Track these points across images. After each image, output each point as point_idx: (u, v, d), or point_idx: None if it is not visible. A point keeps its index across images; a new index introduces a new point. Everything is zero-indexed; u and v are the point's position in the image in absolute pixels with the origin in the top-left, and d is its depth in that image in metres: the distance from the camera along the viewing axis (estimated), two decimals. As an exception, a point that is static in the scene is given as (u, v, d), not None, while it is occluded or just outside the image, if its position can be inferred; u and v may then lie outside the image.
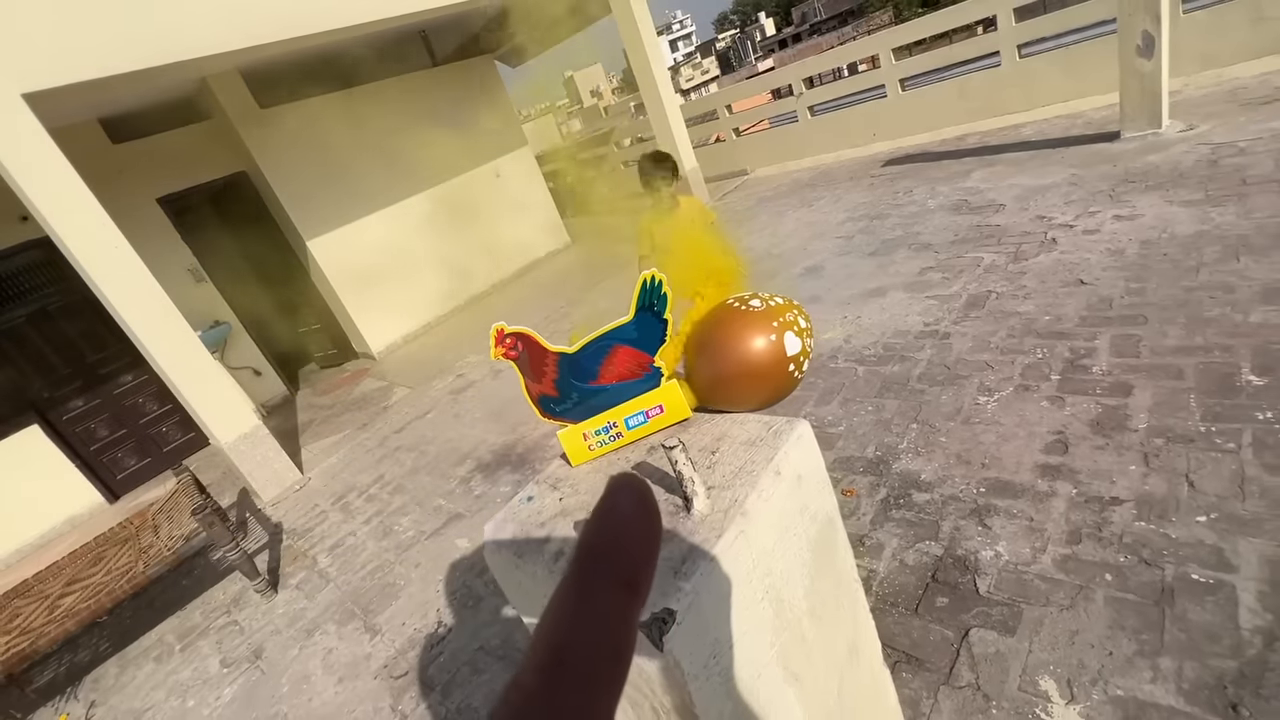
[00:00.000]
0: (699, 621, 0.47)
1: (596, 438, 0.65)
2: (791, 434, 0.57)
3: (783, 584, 0.54)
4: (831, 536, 0.61)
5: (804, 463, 0.57)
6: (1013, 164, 5.02)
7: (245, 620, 3.08)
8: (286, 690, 2.50)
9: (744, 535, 0.50)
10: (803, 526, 0.57)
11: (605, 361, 0.68)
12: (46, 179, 3.36)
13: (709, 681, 0.49)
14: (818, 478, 0.59)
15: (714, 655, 0.48)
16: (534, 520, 0.60)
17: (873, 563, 1.98)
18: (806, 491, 0.57)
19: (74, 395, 5.27)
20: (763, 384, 0.70)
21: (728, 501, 0.52)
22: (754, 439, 0.58)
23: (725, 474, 0.56)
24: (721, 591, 0.49)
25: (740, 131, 8.88)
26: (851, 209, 5.49)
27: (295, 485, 4.36)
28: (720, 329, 0.62)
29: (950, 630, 1.69)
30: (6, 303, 5.01)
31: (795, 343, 0.57)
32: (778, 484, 0.54)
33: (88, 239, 3.50)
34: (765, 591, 0.53)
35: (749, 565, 0.51)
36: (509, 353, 0.65)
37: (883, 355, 3.11)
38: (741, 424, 0.60)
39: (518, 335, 0.66)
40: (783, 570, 0.54)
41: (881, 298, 3.69)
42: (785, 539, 0.55)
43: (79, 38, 3.46)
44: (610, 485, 0.26)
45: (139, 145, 5.50)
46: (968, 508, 2.04)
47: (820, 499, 0.59)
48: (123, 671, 3.07)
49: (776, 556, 0.53)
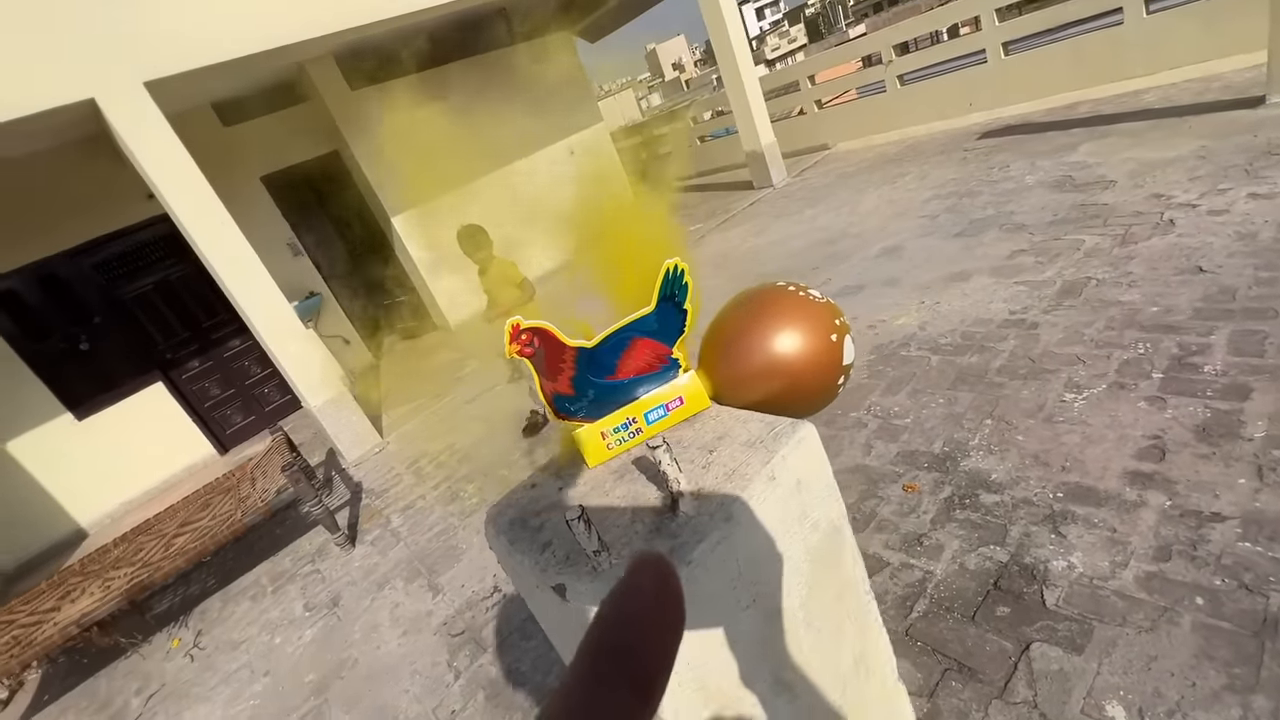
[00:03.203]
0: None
1: (615, 435, 0.62)
2: (792, 437, 0.53)
3: (774, 593, 0.52)
4: (837, 545, 0.58)
5: (805, 467, 0.54)
6: (1129, 135, 4.52)
7: (326, 570, 3.34)
8: (358, 637, 2.70)
9: (728, 541, 0.48)
10: (801, 534, 0.54)
11: (624, 355, 0.65)
12: (164, 161, 3.70)
13: (681, 689, 0.48)
14: (821, 483, 0.55)
15: (686, 662, 0.47)
16: (531, 508, 0.60)
17: (930, 564, 1.88)
18: (807, 498, 0.54)
19: (191, 357, 5.85)
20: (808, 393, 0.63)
21: (715, 505, 0.50)
22: (754, 439, 0.55)
23: (718, 475, 0.53)
24: (697, 598, 0.47)
25: (823, 104, 8.48)
26: (939, 186, 5.14)
27: (375, 448, 4.66)
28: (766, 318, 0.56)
29: (1009, 642, 1.58)
30: (136, 273, 5.60)
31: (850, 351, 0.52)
32: (771, 489, 0.51)
33: (199, 216, 3.83)
34: (753, 600, 0.50)
35: (733, 572, 0.49)
36: (524, 350, 0.62)
37: (960, 344, 2.92)
38: (745, 423, 0.58)
39: (534, 331, 0.63)
40: (774, 578, 0.52)
41: (964, 282, 3.45)
42: (778, 546, 0.52)
43: (192, 28, 3.74)
44: (633, 565, 0.24)
45: (246, 127, 5.94)
46: (1041, 513, 1.89)
47: (824, 506, 0.56)
48: (224, 606, 3.42)
49: (767, 564, 0.51)
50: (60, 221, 5.19)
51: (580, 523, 0.49)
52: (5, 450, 5.16)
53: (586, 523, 0.49)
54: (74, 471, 5.38)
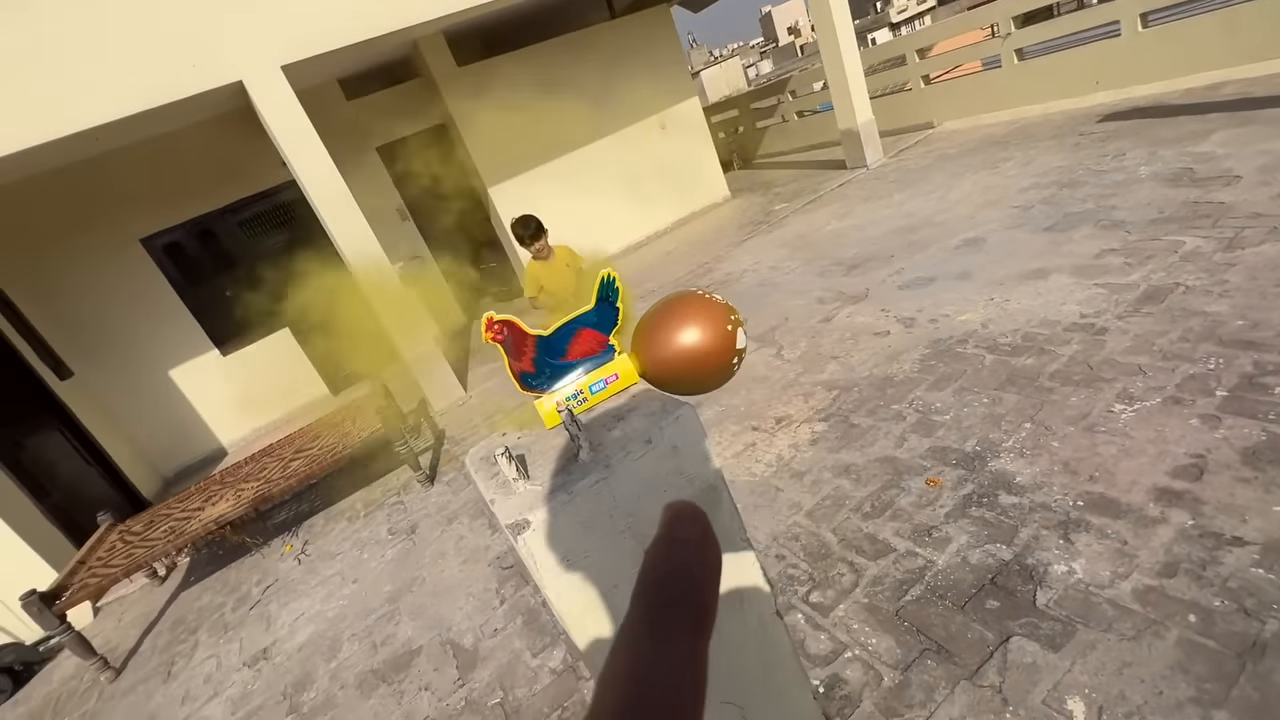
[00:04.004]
0: (553, 532, 0.66)
1: (567, 403, 0.81)
2: (672, 414, 0.71)
3: (646, 525, 0.70)
4: (713, 500, 0.75)
5: (681, 437, 0.71)
6: (1277, 124, 4.03)
7: (408, 502, 3.83)
8: (428, 560, 3.13)
9: (605, 482, 0.67)
10: (676, 486, 0.72)
11: (572, 341, 0.84)
12: (293, 133, 4.23)
13: (562, 579, 0.68)
14: (697, 450, 0.73)
15: (566, 559, 0.67)
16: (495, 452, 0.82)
17: (934, 554, 1.96)
18: (683, 460, 0.72)
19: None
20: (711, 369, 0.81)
21: (605, 456, 0.69)
22: (649, 413, 0.74)
23: (616, 437, 0.72)
24: (578, 518, 0.67)
25: (930, 79, 8.00)
26: (1041, 174, 4.82)
27: (459, 401, 5.15)
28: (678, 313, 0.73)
29: (991, 632, 1.66)
30: (273, 229, 6.40)
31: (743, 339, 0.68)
32: (646, 450, 0.69)
33: (319, 183, 4.36)
34: (627, 528, 0.69)
35: (609, 504, 0.68)
36: (496, 336, 0.80)
37: (1019, 345, 2.85)
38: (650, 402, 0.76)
39: (504, 323, 0.82)
40: (646, 515, 0.70)
41: (1040, 280, 3.31)
42: (651, 493, 0.70)
43: (321, 16, 4.21)
44: (669, 513, 0.25)
45: (366, 101, 6.54)
46: (1055, 519, 1.91)
47: (699, 468, 0.73)
48: (326, 523, 4.02)
49: (641, 503, 0.69)
50: (214, 184, 6.03)
51: (504, 457, 0.70)
52: (169, 376, 6.17)
53: (508, 457, 0.70)
54: (218, 399, 6.34)
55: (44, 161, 4.21)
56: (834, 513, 2.30)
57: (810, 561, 2.13)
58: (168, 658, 3.28)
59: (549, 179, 7.15)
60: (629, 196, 7.63)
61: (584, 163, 7.38)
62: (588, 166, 7.39)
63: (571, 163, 7.31)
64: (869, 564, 2.03)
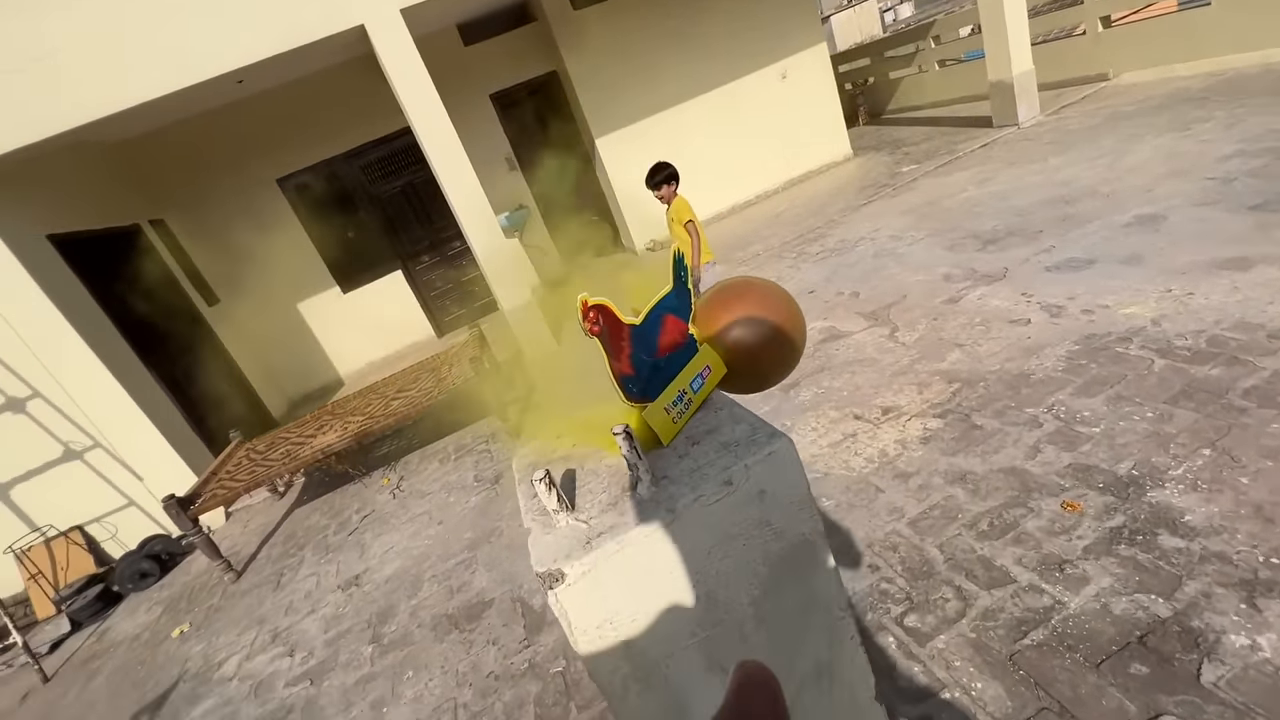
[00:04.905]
0: (594, 589, 0.51)
1: (675, 409, 0.65)
2: (763, 449, 0.53)
3: (719, 584, 0.54)
4: (807, 558, 0.57)
5: (770, 480, 0.53)
6: None
7: (496, 451, 3.91)
8: (507, 513, 3.17)
9: (667, 529, 0.51)
10: (761, 540, 0.55)
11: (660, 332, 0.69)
12: (409, 80, 4.27)
13: (600, 642, 0.54)
14: (791, 497, 0.55)
15: (610, 621, 0.53)
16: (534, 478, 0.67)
17: (1065, 594, 1.66)
18: (770, 508, 0.54)
19: (423, 251, 6.92)
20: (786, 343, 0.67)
21: (670, 495, 0.53)
22: (731, 441, 0.56)
23: (686, 468, 0.56)
24: (628, 570, 0.51)
25: (1111, 20, 6.80)
26: (1250, 139, 3.95)
27: (551, 354, 5.17)
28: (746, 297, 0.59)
29: (1135, 704, 1.37)
30: (390, 175, 6.66)
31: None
32: (724, 492, 0.52)
33: (431, 130, 4.40)
34: (694, 585, 0.54)
35: (670, 556, 0.52)
36: (594, 328, 0.65)
37: (1202, 350, 2.35)
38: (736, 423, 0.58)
39: (599, 309, 0.67)
40: (720, 572, 0.54)
41: (1239, 272, 2.71)
42: (728, 544, 0.54)
43: (440, -44, 4.15)
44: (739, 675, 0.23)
45: (482, 47, 6.53)
46: (1236, 575, 1.54)
47: (792, 520, 0.55)
48: (420, 462, 4.21)
49: (713, 557, 0.53)
50: (341, 128, 6.31)
51: (543, 484, 0.56)
52: (297, 309, 6.70)
53: (549, 484, 0.56)
54: (339, 333, 6.82)
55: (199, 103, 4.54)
56: (943, 526, 2.03)
57: (909, 578, 1.89)
58: (279, 569, 3.60)
59: (659, 129, 6.87)
60: (740, 152, 7.21)
61: (695, 114, 7.01)
62: (698, 118, 7.02)
63: (682, 113, 6.98)
64: (981, 593, 1.76)
